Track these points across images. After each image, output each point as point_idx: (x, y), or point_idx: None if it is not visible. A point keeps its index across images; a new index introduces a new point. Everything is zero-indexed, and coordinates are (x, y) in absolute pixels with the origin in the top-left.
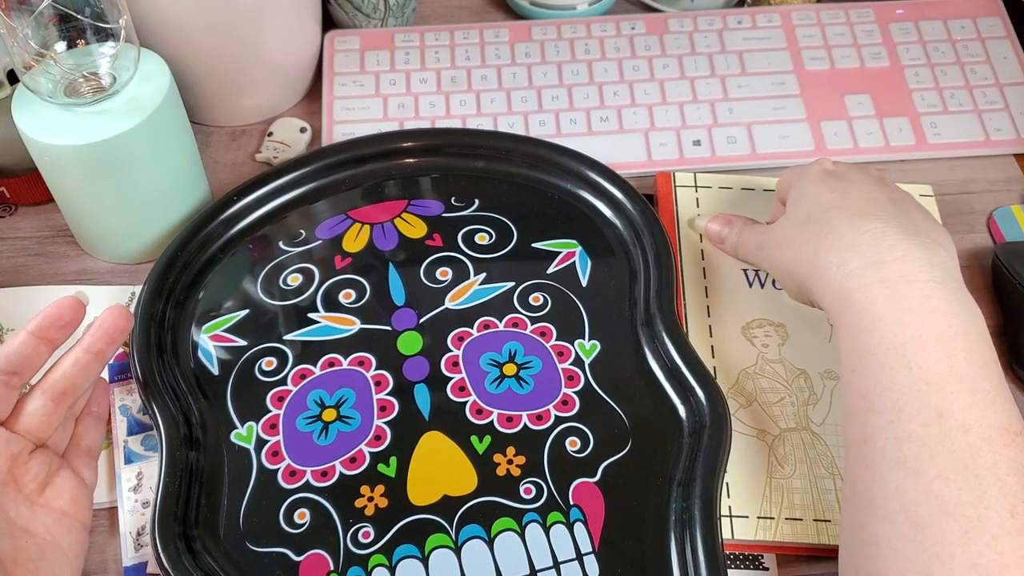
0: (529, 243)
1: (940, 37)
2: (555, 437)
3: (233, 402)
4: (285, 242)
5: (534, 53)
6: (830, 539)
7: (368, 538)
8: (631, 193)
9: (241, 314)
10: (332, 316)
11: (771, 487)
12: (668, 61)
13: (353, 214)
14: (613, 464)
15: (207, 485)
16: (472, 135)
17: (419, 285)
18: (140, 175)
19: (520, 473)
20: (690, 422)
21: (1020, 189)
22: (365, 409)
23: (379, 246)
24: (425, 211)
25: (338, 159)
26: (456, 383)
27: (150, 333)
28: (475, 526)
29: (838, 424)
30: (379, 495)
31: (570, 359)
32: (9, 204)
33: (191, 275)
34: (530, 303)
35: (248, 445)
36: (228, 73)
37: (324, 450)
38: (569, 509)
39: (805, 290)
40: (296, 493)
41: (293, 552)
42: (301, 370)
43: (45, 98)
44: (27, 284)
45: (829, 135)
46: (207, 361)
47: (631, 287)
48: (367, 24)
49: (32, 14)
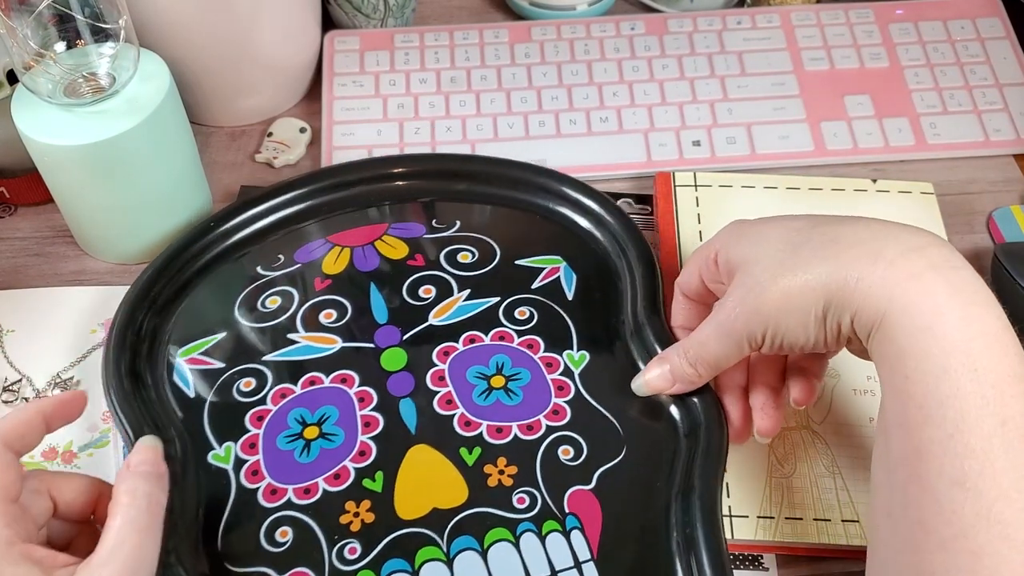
0: (512, 260)
1: (940, 38)
2: (547, 446)
3: (210, 423)
4: (263, 266)
5: (534, 53)
6: (830, 538)
7: (355, 554)
8: (611, 208)
9: (217, 337)
10: (312, 336)
11: (771, 486)
12: (668, 61)
13: (333, 238)
14: (608, 471)
15: (184, 507)
16: (454, 160)
17: (402, 303)
18: (140, 175)
19: (512, 483)
20: (685, 425)
21: (1020, 189)
22: (348, 425)
23: (359, 267)
24: (406, 233)
25: (319, 185)
26: (443, 396)
27: (122, 358)
28: (467, 537)
29: (838, 423)
30: (365, 510)
31: (559, 370)
32: (9, 204)
33: (166, 299)
34: (516, 317)
35: (226, 465)
36: (228, 73)
37: (306, 467)
38: (565, 517)
39: (833, 313)
40: (278, 512)
41: (275, 571)
42: (281, 389)
43: (45, 98)
44: (27, 284)
45: (829, 135)
46: (182, 384)
47: (618, 299)
48: (367, 24)
49: (32, 14)
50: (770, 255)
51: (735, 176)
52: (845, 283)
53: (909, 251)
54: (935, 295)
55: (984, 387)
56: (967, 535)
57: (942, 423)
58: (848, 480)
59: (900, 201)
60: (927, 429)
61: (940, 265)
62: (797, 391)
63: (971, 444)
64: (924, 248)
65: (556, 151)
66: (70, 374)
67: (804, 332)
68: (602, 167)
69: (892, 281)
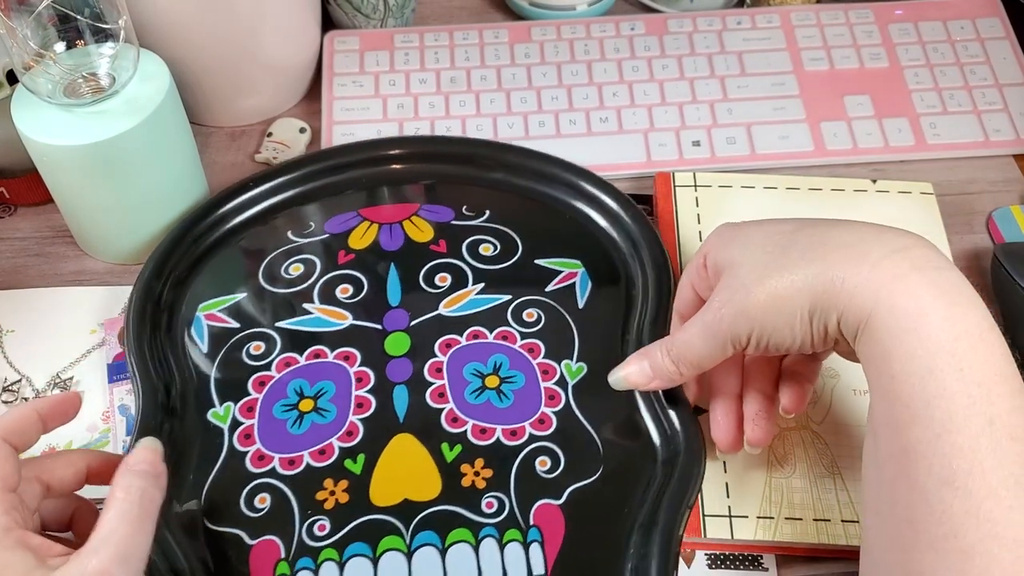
0: (533, 259)
1: (939, 38)
2: (526, 455)
3: (216, 381)
4: (293, 232)
5: (534, 54)
6: (830, 539)
7: (323, 531)
8: (641, 220)
9: (239, 296)
10: (326, 309)
11: (771, 486)
12: (667, 62)
13: (364, 212)
14: (580, 489)
15: (176, 459)
16: (494, 148)
17: (416, 288)
18: (139, 176)
19: (485, 486)
20: (664, 453)
21: (1019, 189)
22: (342, 403)
23: (384, 246)
24: (435, 216)
25: (359, 157)
26: (436, 389)
27: (146, 304)
28: (431, 533)
29: (838, 423)
30: (341, 490)
31: (554, 378)
32: (8, 204)
33: (197, 253)
34: (523, 318)
35: (223, 425)
36: (227, 74)
37: (296, 439)
38: (528, 529)
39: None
40: (261, 478)
41: (248, 535)
42: (286, 358)
43: (44, 98)
44: (26, 284)
45: (828, 135)
46: (198, 338)
47: (627, 315)
48: (367, 24)
49: (32, 14)
50: (757, 257)
51: (735, 176)
52: (831, 284)
53: (893, 252)
54: (919, 296)
55: (970, 386)
56: (957, 534)
57: (929, 423)
58: (848, 480)
59: (900, 201)
60: (915, 429)
61: (924, 266)
62: (787, 399)
63: (959, 443)
64: (908, 249)
65: (556, 151)
66: (70, 374)
67: (791, 333)
68: (602, 167)
69: (877, 283)
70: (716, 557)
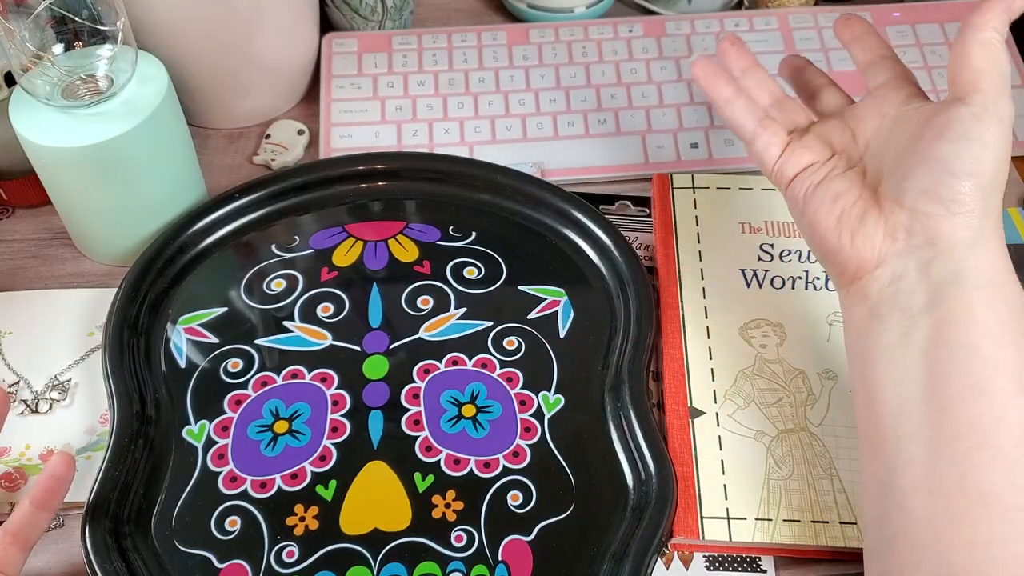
0: (516, 284)
1: (937, 40)
2: (498, 488)
3: (192, 398)
4: (277, 246)
5: (532, 56)
6: (828, 541)
7: (292, 557)
8: (630, 253)
9: (219, 311)
10: (306, 327)
11: (769, 488)
12: (665, 63)
13: (350, 228)
14: (550, 526)
15: (149, 476)
16: (485, 168)
17: (398, 310)
18: (138, 177)
19: (455, 519)
20: (636, 497)
21: (1018, 192)
22: (317, 427)
23: (368, 264)
24: (421, 236)
25: (344, 171)
26: (412, 416)
27: (125, 316)
28: (398, 565)
29: (836, 425)
30: (311, 516)
31: (531, 410)
32: (6, 206)
33: (180, 265)
34: (504, 346)
35: (197, 443)
36: (226, 75)
37: (269, 461)
38: (496, 565)
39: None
40: (232, 500)
41: (217, 558)
42: (263, 377)
43: (42, 100)
44: (24, 286)
45: None
46: (176, 353)
47: (607, 348)
48: (365, 26)
49: (30, 16)
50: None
51: (733, 178)
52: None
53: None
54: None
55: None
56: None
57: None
58: (846, 482)
59: None
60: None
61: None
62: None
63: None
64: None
65: (554, 153)
66: (68, 376)
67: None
68: (600, 169)
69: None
70: (714, 559)
